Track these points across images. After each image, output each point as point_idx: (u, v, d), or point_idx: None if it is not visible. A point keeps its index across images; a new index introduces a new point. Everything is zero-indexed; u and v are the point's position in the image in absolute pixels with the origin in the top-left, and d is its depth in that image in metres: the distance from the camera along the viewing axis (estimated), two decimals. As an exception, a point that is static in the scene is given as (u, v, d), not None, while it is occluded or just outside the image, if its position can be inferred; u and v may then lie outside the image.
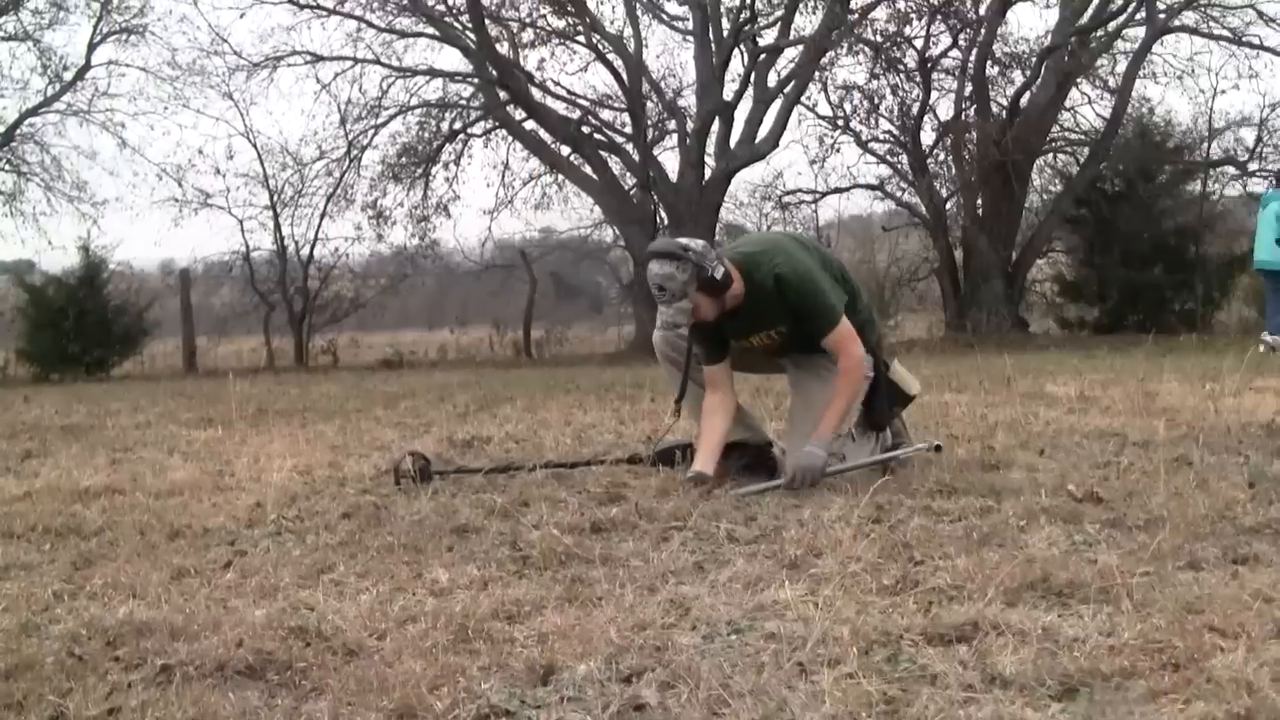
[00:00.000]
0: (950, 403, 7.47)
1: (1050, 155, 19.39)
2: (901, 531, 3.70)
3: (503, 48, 18.01)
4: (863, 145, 19.51)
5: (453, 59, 19.26)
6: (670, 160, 18.49)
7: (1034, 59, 17.64)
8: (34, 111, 20.23)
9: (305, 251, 19.31)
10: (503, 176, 20.20)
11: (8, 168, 20.55)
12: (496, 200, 20.55)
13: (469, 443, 6.43)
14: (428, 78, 18.77)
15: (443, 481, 5.04)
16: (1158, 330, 16.76)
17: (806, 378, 4.86)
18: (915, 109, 18.73)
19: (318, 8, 17.79)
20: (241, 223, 19.47)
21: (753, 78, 17.47)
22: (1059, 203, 18.51)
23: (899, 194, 20.13)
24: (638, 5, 18.41)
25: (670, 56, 25.92)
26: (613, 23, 18.60)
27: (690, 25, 18.06)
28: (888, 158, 19.67)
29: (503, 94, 17.93)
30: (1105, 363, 10.74)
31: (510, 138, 19.29)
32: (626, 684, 2.43)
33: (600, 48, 18.06)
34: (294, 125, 55.69)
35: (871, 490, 4.41)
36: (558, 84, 18.81)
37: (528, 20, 18.89)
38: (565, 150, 18.34)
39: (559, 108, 18.36)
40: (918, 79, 18.48)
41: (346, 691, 2.44)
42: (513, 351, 19.42)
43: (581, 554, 3.56)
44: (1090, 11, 17.25)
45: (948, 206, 19.05)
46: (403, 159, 19.28)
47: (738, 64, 18.04)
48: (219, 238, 32.43)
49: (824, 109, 19.55)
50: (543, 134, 18.32)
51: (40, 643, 2.86)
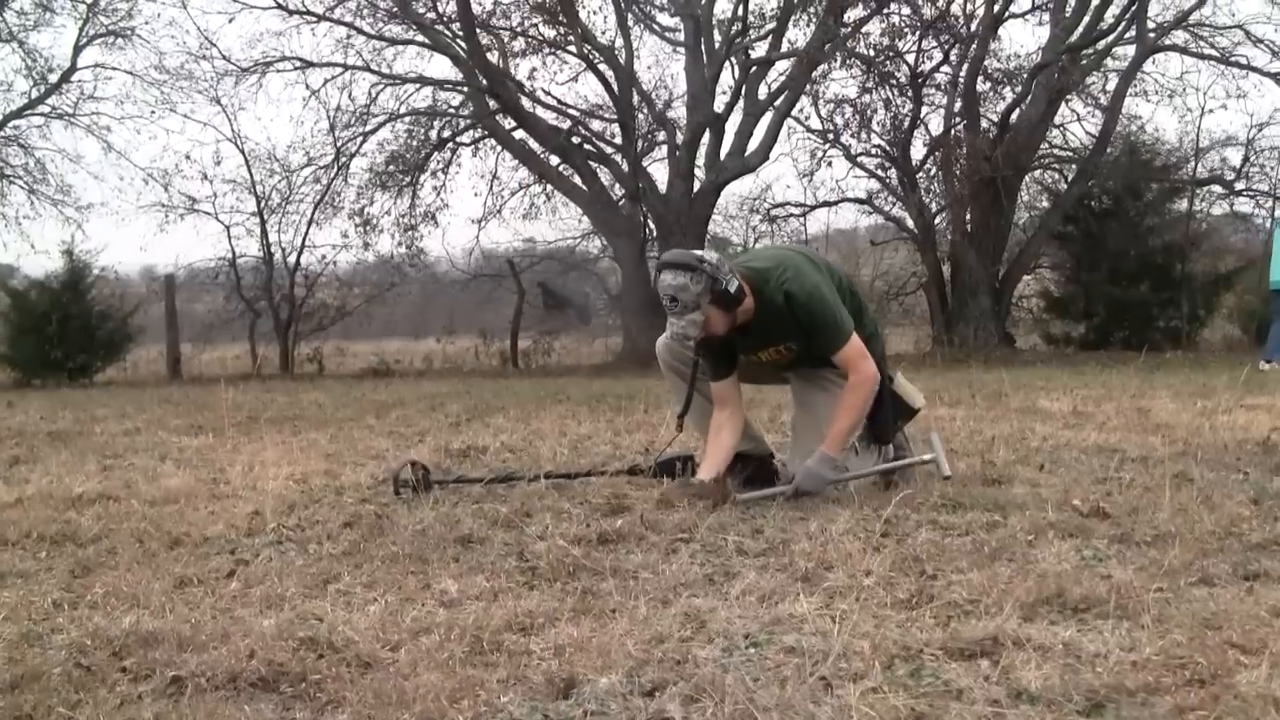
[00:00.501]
0: (945, 417, 7.48)
1: (1039, 171, 19.46)
2: (911, 545, 3.68)
3: (493, 56, 17.99)
4: (852, 159, 19.54)
5: (442, 67, 19.22)
6: (660, 172, 18.54)
7: (1025, 75, 17.69)
8: (18, 114, 20.13)
9: (292, 259, 19.26)
10: (491, 186, 20.21)
11: (-9, 170, 20.44)
12: (485, 209, 20.56)
13: (464, 452, 6.39)
14: (417, 86, 18.75)
15: (442, 491, 5.00)
16: (1143, 347, 16.86)
17: (811, 390, 4.84)
18: (906, 124, 18.77)
19: (307, 14, 17.79)
20: (228, 229, 19.44)
21: (744, 90, 17.48)
22: (1047, 219, 18.58)
23: (888, 208, 20.16)
24: (629, 16, 18.42)
25: (661, 68, 25.98)
26: (604, 33, 18.63)
27: (682, 36, 18.07)
28: (877, 172, 19.70)
29: (492, 103, 17.91)
30: (1095, 379, 10.78)
31: (499, 147, 19.27)
32: (649, 698, 2.40)
33: (591, 58, 18.05)
34: (282, 131, 55.53)
35: (877, 504, 4.42)
36: (548, 93, 18.85)
37: (519, 29, 18.90)
38: (554, 160, 18.32)
39: (549, 117, 18.37)
40: (909, 94, 18.51)
41: (365, 704, 2.40)
42: (499, 361, 19.37)
43: (590, 566, 3.53)
44: (1081, 29, 17.32)
45: (937, 221, 19.08)
46: (391, 167, 19.25)
47: (729, 76, 18.10)
48: (205, 244, 32.31)
49: (815, 122, 19.60)
50: (532, 144, 18.30)
51: (44, 653, 2.82)
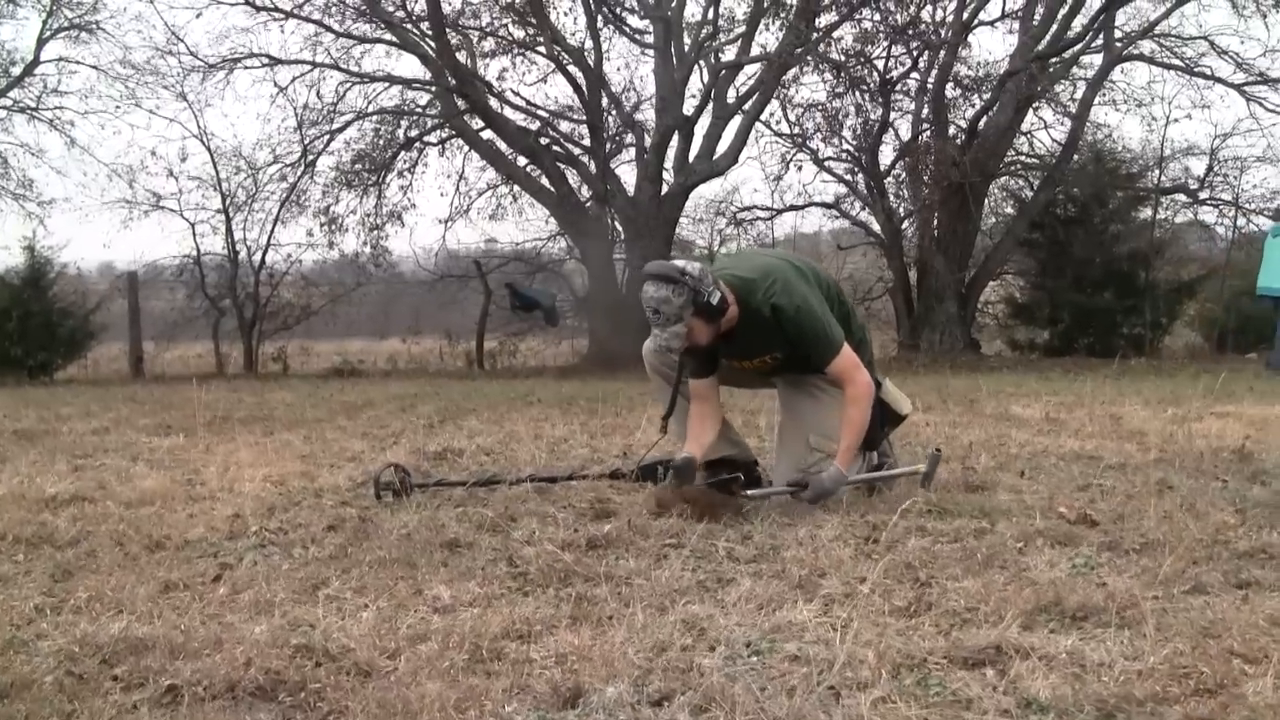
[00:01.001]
0: (919, 422, 7.49)
1: (1006, 178, 19.56)
2: (902, 552, 3.68)
3: (462, 56, 17.89)
4: (820, 164, 19.57)
5: (411, 66, 19.05)
6: (628, 174, 18.46)
7: (994, 82, 17.79)
8: (-20, 107, 19.86)
9: (257, 257, 19.10)
10: (458, 186, 20.09)
11: (-50, 162, 20.16)
12: (451, 210, 20.44)
13: (441, 455, 6.34)
14: (385, 85, 18.63)
15: (423, 494, 4.97)
16: (1107, 354, 16.99)
17: (798, 396, 4.82)
18: (875, 129, 18.81)
19: (275, 10, 17.60)
20: (193, 226, 19.19)
21: (713, 93, 17.47)
22: (1014, 226, 18.67)
23: (854, 213, 20.22)
24: (599, 17, 18.37)
25: (630, 70, 25.89)
26: (574, 34, 18.53)
27: (652, 39, 18.04)
28: (845, 177, 19.75)
29: (461, 103, 17.81)
30: (1064, 385, 10.85)
31: (466, 147, 19.17)
32: (658, 707, 2.38)
33: (560, 59, 17.98)
34: (249, 129, 55.00)
35: (863, 510, 4.43)
36: (517, 94, 18.73)
37: (488, 29, 18.80)
38: (522, 161, 18.24)
39: (517, 118, 18.27)
40: (879, 99, 18.57)
41: (368, 715, 2.37)
42: (465, 362, 19.27)
43: (582, 572, 3.51)
44: (1049, 38, 17.44)
45: (904, 226, 19.15)
46: (357, 166, 19.11)
47: (698, 79, 18.08)
48: (170, 241, 31.94)
49: (784, 127, 19.61)
50: (500, 144, 18.21)
51: (31, 660, 2.77)
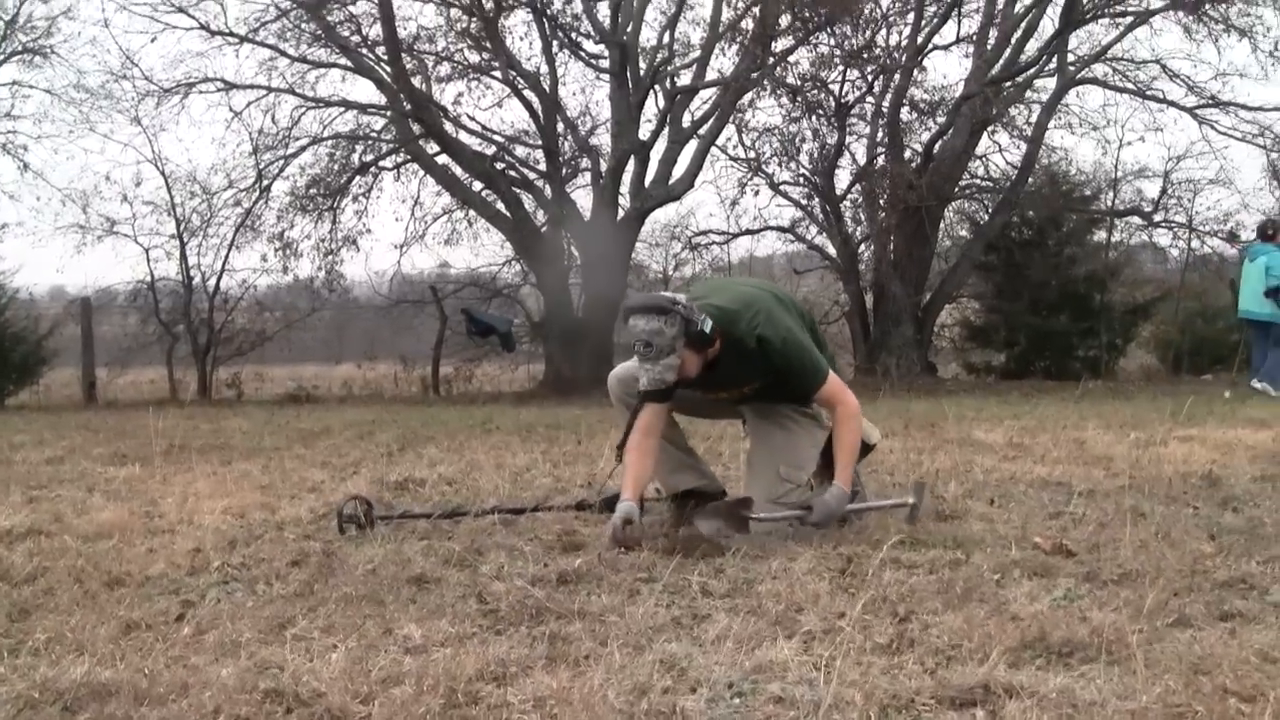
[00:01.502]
0: (882, 449, 7.41)
1: (961, 201, 19.66)
2: (878, 585, 3.62)
3: (417, 81, 17.80)
4: (775, 188, 19.59)
5: (366, 91, 18.92)
6: (584, 199, 18.41)
7: (949, 106, 17.89)
8: (-69, 130, 19.52)
9: (211, 282, 18.88)
10: (413, 211, 19.97)
11: (-100, 185, 19.82)
12: (407, 235, 20.31)
13: (403, 484, 6.24)
14: (341, 109, 18.50)
15: (386, 527, 4.87)
16: (1063, 377, 17.09)
17: (767, 427, 4.77)
18: (831, 153, 18.87)
19: (230, 34, 17.45)
20: (147, 251, 18.94)
21: (668, 118, 17.46)
22: (970, 249, 18.75)
23: (810, 237, 20.25)
24: (555, 42, 18.34)
25: (586, 95, 25.83)
26: (529, 59, 18.47)
27: (607, 64, 18.02)
28: (801, 201, 19.78)
29: (416, 127, 17.72)
30: (1024, 409, 10.84)
31: (422, 172, 19.07)
32: (644, 755, 2.30)
33: (516, 84, 17.92)
34: (204, 153, 54.60)
35: (835, 541, 4.37)
36: (472, 119, 18.64)
37: (444, 54, 18.72)
38: (478, 186, 18.15)
39: (473, 143, 18.18)
40: (835, 123, 18.63)
41: (344, 765, 2.28)
42: (420, 388, 19.11)
43: (554, 608, 3.43)
44: (1002, 62, 17.57)
45: (860, 250, 19.20)
46: (312, 190, 18.97)
47: (653, 104, 18.07)
48: (123, 266, 31.51)
49: (739, 151, 19.62)
50: (455, 169, 18.12)
51: (-13, 706, 2.66)
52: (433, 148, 18.02)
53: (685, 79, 17.98)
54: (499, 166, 18.03)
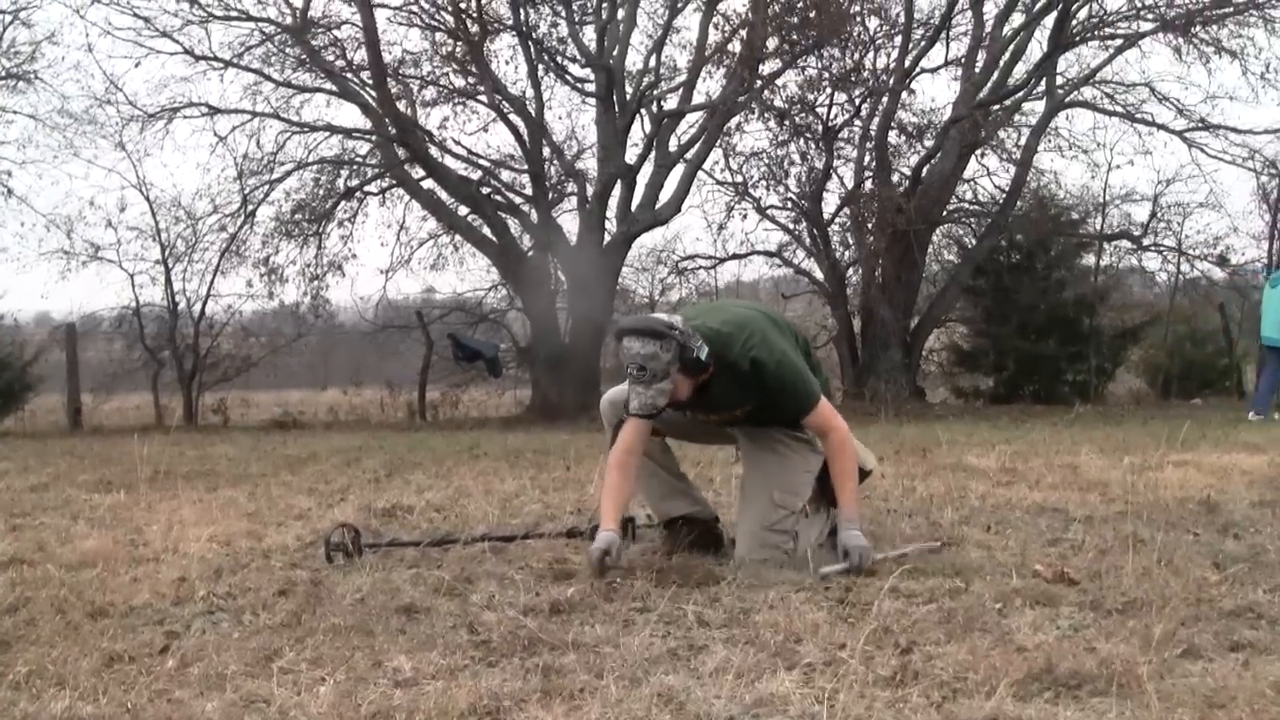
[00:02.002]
0: (875, 474, 7.36)
1: (949, 225, 19.63)
2: (878, 615, 3.54)
3: (402, 105, 17.75)
4: (762, 212, 19.55)
5: (351, 115, 18.85)
6: (570, 223, 18.34)
7: (937, 129, 17.88)
8: (-86, 156, 19.37)
9: (196, 308, 18.77)
10: (399, 236, 19.90)
11: (-117, 212, 19.67)
12: (392, 260, 20.24)
13: (390, 511, 6.14)
14: (326, 134, 18.44)
15: (374, 555, 4.77)
16: (1052, 401, 17.04)
17: (760, 452, 4.69)
18: (818, 176, 18.84)
19: (214, 59, 17.39)
20: (132, 277, 18.83)
21: (655, 142, 17.43)
22: (958, 272, 18.72)
23: (798, 261, 20.21)
24: (540, 66, 18.31)
25: (572, 119, 25.83)
26: (515, 83, 18.43)
27: (593, 88, 17.99)
28: (788, 225, 19.73)
29: (402, 152, 17.66)
30: (1015, 434, 10.79)
31: (407, 197, 19.00)
32: (645, 796, 2.21)
33: (502, 108, 17.88)
34: (189, 179, 54.50)
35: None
36: (458, 143, 18.57)
37: (429, 78, 18.70)
38: (464, 210, 18.09)
39: (459, 167, 18.12)
40: (822, 146, 18.61)
41: (331, 808, 2.18)
42: (406, 413, 19.00)
43: (547, 639, 3.34)
44: (990, 85, 17.58)
45: (848, 274, 19.16)
46: (297, 215, 18.89)
47: (640, 128, 18.02)
48: (108, 291, 31.36)
49: (726, 174, 19.59)
50: (441, 194, 18.06)
51: (-39, 745, 2.56)
52: (418, 172, 17.96)
53: (672, 102, 17.94)
54: (485, 191, 17.95)
